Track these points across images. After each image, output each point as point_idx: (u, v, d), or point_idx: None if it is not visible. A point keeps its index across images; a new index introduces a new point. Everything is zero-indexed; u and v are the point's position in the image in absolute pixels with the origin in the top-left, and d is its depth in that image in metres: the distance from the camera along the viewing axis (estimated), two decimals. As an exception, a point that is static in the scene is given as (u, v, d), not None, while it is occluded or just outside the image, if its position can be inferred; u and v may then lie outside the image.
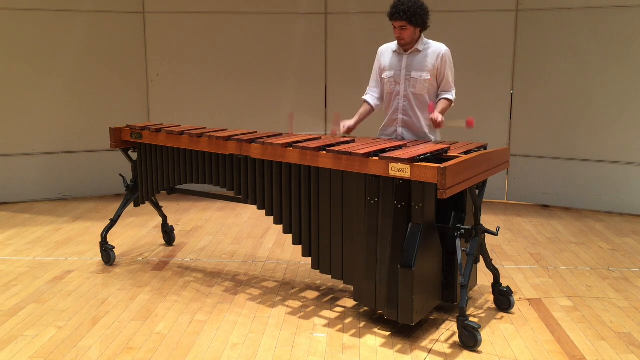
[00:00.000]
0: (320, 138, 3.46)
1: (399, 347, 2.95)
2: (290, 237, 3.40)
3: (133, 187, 4.19)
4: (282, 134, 3.66)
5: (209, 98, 6.27)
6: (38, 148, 5.98)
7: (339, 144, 3.23)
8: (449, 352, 2.90)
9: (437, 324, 3.20)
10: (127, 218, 5.24)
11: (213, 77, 6.25)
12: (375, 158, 2.92)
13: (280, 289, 3.71)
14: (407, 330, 3.10)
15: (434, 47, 3.62)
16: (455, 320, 3.01)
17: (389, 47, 3.75)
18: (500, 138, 6.01)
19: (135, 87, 6.21)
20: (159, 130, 3.87)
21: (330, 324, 3.21)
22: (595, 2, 5.53)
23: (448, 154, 3.09)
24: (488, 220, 5.16)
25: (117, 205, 5.19)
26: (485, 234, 3.21)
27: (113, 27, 6.03)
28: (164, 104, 6.26)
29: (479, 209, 3.16)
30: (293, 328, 3.16)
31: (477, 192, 3.18)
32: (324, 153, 3.10)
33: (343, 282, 3.24)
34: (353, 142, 3.37)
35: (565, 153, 5.84)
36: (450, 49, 3.63)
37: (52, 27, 5.85)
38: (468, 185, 2.92)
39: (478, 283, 3.68)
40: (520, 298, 3.56)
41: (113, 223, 4.20)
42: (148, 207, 4.56)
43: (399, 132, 3.71)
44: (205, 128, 3.88)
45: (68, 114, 6.02)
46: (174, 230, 4.66)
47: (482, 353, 2.89)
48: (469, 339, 2.91)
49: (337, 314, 3.34)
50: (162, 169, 3.96)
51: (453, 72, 3.68)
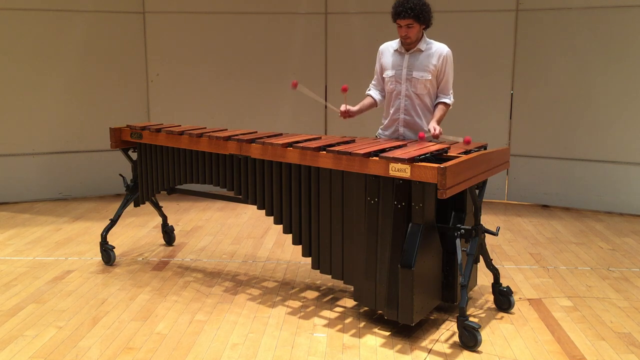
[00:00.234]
0: (320, 138, 3.46)
1: (399, 347, 2.95)
2: (290, 237, 3.40)
3: (133, 187, 4.19)
4: (282, 134, 3.66)
5: (209, 98, 6.27)
6: (38, 148, 5.98)
7: (339, 144, 3.23)
8: (449, 352, 2.90)
9: (437, 324, 3.20)
10: (127, 218, 5.24)
11: (213, 77, 6.26)
12: (375, 158, 2.92)
13: (280, 289, 3.71)
14: (407, 330, 3.10)
15: (436, 47, 3.60)
16: (455, 320, 3.01)
17: (390, 45, 3.73)
18: (500, 138, 6.01)
19: (135, 87, 6.21)
20: (159, 130, 3.87)
21: (330, 324, 3.21)
22: (595, 2, 5.53)
23: (448, 154, 3.09)
24: (488, 220, 5.16)
25: (117, 205, 5.18)
26: (485, 234, 3.21)
27: (113, 27, 6.03)
28: (164, 104, 6.26)
29: (479, 209, 3.16)
30: (293, 328, 3.16)
31: (477, 192, 3.18)
32: (324, 153, 3.10)
33: (343, 282, 3.24)
34: (353, 142, 3.37)
35: (565, 153, 5.84)
36: (450, 49, 3.63)
37: (52, 27, 5.84)
38: (468, 185, 2.92)
39: (478, 283, 3.68)
40: (520, 298, 3.56)
41: (113, 223, 4.20)
42: (148, 207, 4.56)
43: (401, 131, 3.69)
44: (205, 128, 3.88)
45: (68, 114, 6.02)
46: (174, 230, 4.66)
47: (482, 353, 2.89)
48: (469, 339, 2.91)
49: (337, 314, 3.34)
50: (162, 169, 3.96)
51: (452, 74, 3.67)
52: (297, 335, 3.07)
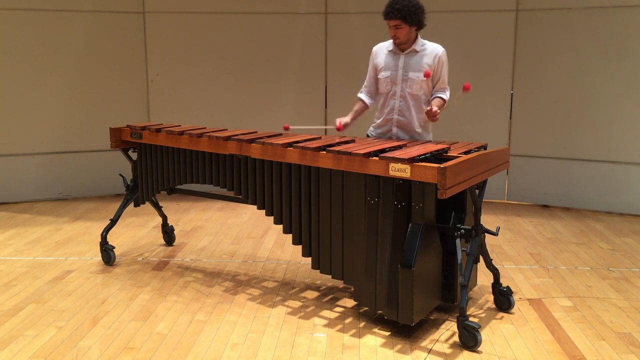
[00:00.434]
0: (320, 138, 3.46)
1: (399, 347, 2.95)
2: (290, 237, 3.40)
3: (133, 187, 4.19)
4: (282, 134, 3.66)
5: (209, 98, 6.27)
6: (38, 148, 5.98)
7: (339, 144, 3.23)
8: (449, 352, 2.90)
9: (437, 324, 3.20)
10: (127, 218, 5.24)
11: (213, 77, 6.25)
12: (375, 158, 2.92)
13: (280, 289, 3.71)
14: (407, 330, 3.10)
15: (431, 47, 3.62)
16: (455, 320, 3.01)
17: (384, 46, 3.73)
18: (500, 138, 6.01)
19: (135, 87, 6.21)
20: (159, 130, 3.87)
21: (330, 324, 3.21)
22: (595, 2, 5.53)
23: (448, 154, 3.09)
24: (488, 220, 5.16)
25: (117, 205, 5.18)
26: (485, 234, 3.21)
27: (113, 27, 6.03)
28: (164, 104, 6.26)
29: (479, 209, 3.16)
30: (293, 328, 3.16)
31: (477, 192, 3.18)
32: (324, 153, 3.10)
33: (343, 282, 3.24)
34: (353, 142, 3.37)
35: (565, 153, 5.84)
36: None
37: (52, 27, 5.84)
38: (468, 185, 2.92)
39: (478, 283, 3.68)
40: (520, 298, 3.56)
41: (113, 223, 4.20)
42: (148, 207, 4.56)
43: (394, 131, 3.71)
44: (205, 128, 3.88)
45: (68, 114, 6.02)
46: (174, 230, 4.66)
47: (482, 353, 2.89)
48: (469, 339, 2.91)
49: (337, 314, 3.34)
50: (162, 169, 3.96)
51: (447, 72, 3.69)
52: (297, 335, 3.07)
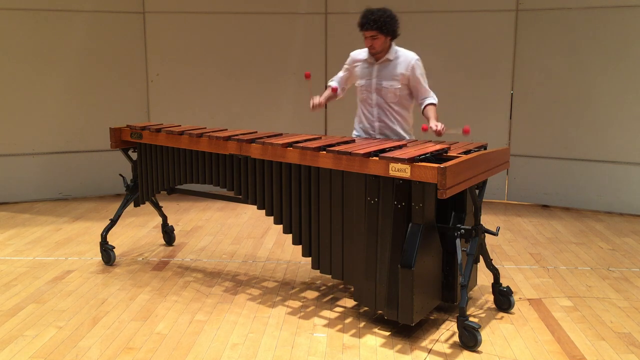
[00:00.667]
0: (320, 138, 3.46)
1: (399, 347, 2.95)
2: (290, 237, 3.40)
3: (133, 187, 4.19)
4: (282, 134, 3.66)
5: (209, 98, 6.27)
6: (38, 148, 5.98)
7: (339, 144, 3.23)
8: (449, 352, 2.90)
9: (437, 324, 3.20)
10: (127, 218, 5.24)
11: (213, 77, 6.25)
12: (375, 158, 2.92)
13: (280, 289, 3.71)
14: (407, 330, 3.10)
15: (404, 56, 3.69)
16: (455, 320, 3.01)
17: (360, 54, 3.82)
18: (500, 138, 6.01)
19: (135, 87, 6.21)
20: (159, 130, 3.87)
21: (330, 324, 3.21)
22: (595, 2, 5.53)
23: (448, 154, 3.10)
24: (488, 220, 5.16)
25: (117, 205, 5.18)
26: (485, 234, 3.21)
27: (113, 27, 6.03)
28: (164, 104, 6.27)
29: (479, 209, 3.16)
30: (293, 328, 3.16)
31: (477, 192, 3.19)
32: (324, 153, 3.10)
33: (343, 282, 3.24)
34: (353, 142, 3.37)
35: (565, 153, 5.84)
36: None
37: (52, 27, 5.85)
38: (468, 185, 2.92)
39: (478, 283, 3.68)
40: (520, 298, 3.56)
41: (113, 223, 4.20)
42: (148, 207, 4.56)
43: (379, 138, 3.81)
44: (205, 128, 3.88)
45: (68, 114, 6.02)
46: (174, 230, 4.66)
47: (482, 353, 2.89)
48: (469, 339, 2.91)
49: (337, 314, 3.34)
50: (162, 169, 3.96)
51: (425, 78, 3.73)
52: (297, 335, 3.07)
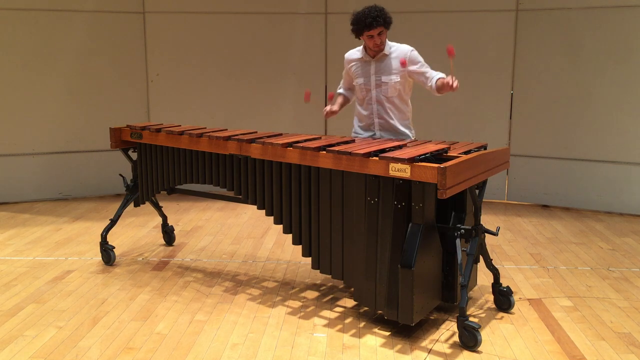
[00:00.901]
0: (320, 138, 3.46)
1: (399, 347, 2.95)
2: (290, 237, 3.40)
3: (133, 187, 4.19)
4: (282, 134, 3.66)
5: (209, 98, 6.27)
6: (38, 148, 5.98)
7: (339, 144, 3.23)
8: (449, 352, 2.90)
9: (437, 324, 3.20)
10: (127, 218, 5.24)
11: (213, 77, 6.25)
12: (375, 158, 2.92)
13: (280, 289, 3.71)
14: (407, 330, 3.10)
15: (399, 49, 3.70)
16: (455, 320, 3.01)
17: (354, 53, 3.83)
18: (500, 138, 6.01)
19: (135, 87, 6.21)
20: (159, 130, 3.87)
21: (330, 324, 3.21)
22: (595, 2, 5.53)
23: (448, 154, 3.10)
24: (488, 220, 5.16)
25: (117, 205, 5.19)
26: (485, 234, 3.21)
27: (113, 27, 6.03)
28: (164, 104, 6.26)
29: (479, 209, 3.16)
30: (293, 328, 3.16)
31: (477, 192, 3.19)
32: (324, 153, 3.10)
33: (343, 282, 3.24)
34: (353, 142, 3.37)
35: (565, 153, 5.84)
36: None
37: (52, 27, 5.85)
38: (468, 185, 2.92)
39: (478, 283, 3.68)
40: (520, 298, 3.56)
41: (113, 223, 4.20)
42: (148, 207, 4.56)
43: (378, 135, 3.80)
44: (205, 128, 3.88)
45: (68, 114, 6.02)
46: (174, 230, 4.65)
47: (482, 353, 2.89)
48: (469, 339, 2.91)
49: (337, 314, 3.34)
50: (162, 169, 3.96)
51: (423, 62, 3.70)
52: (297, 335, 3.07)
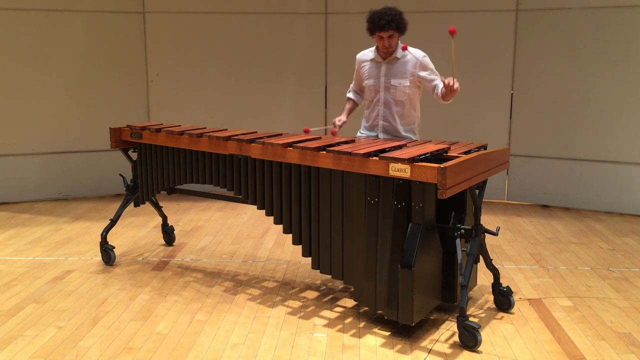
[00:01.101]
0: (320, 138, 3.46)
1: (399, 347, 2.95)
2: (290, 237, 3.40)
3: (133, 187, 4.19)
4: (282, 134, 3.66)
5: (209, 98, 6.27)
6: (38, 148, 5.98)
7: (339, 144, 3.23)
8: (449, 352, 2.90)
9: (437, 324, 3.20)
10: (127, 218, 5.24)
11: (213, 77, 6.25)
12: (375, 158, 2.92)
13: (280, 289, 3.71)
14: (407, 330, 3.10)
15: (411, 54, 3.70)
16: (455, 320, 3.01)
17: (366, 55, 3.84)
18: (500, 138, 6.01)
19: (135, 87, 6.21)
20: (159, 130, 3.87)
21: (330, 324, 3.21)
22: (595, 2, 5.53)
23: (448, 154, 3.10)
24: (488, 220, 5.16)
25: (117, 205, 5.18)
26: (485, 234, 3.21)
27: (113, 27, 6.03)
28: (164, 104, 6.26)
29: (479, 209, 3.16)
30: (293, 328, 3.16)
31: (477, 192, 3.19)
32: (324, 153, 3.10)
33: (343, 282, 3.24)
34: (353, 142, 3.38)
35: (565, 153, 5.84)
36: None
37: (52, 27, 5.84)
38: (468, 185, 2.92)
39: (478, 283, 3.68)
40: (520, 298, 3.56)
41: (113, 223, 4.20)
42: (148, 207, 4.56)
43: (380, 137, 3.83)
44: (205, 128, 3.88)
45: (68, 114, 6.02)
46: (174, 230, 4.66)
47: (482, 353, 2.89)
48: (469, 339, 2.91)
49: (337, 314, 3.34)
50: (162, 169, 3.96)
51: (434, 69, 3.74)
52: (297, 335, 3.07)
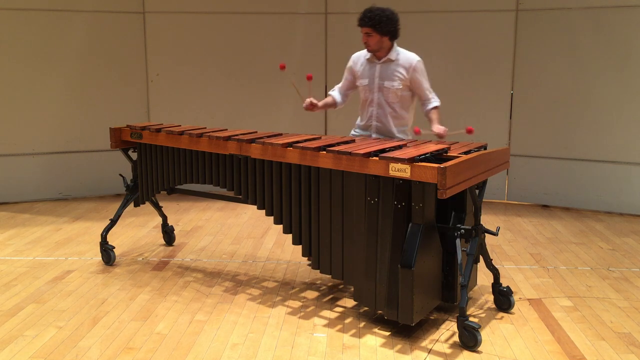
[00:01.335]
0: (320, 138, 3.46)
1: (399, 347, 2.95)
2: (290, 237, 3.40)
3: (133, 187, 4.19)
4: (282, 134, 3.66)
5: (209, 98, 6.27)
6: (38, 148, 5.98)
7: (339, 144, 3.23)
8: (449, 352, 2.90)
9: (437, 324, 3.20)
10: (127, 218, 5.24)
11: (213, 77, 6.25)
12: (375, 158, 2.92)
13: (280, 289, 3.71)
14: (407, 330, 3.10)
15: (406, 57, 3.71)
16: (455, 320, 3.01)
17: (362, 55, 3.85)
18: (500, 138, 6.01)
19: (135, 87, 6.21)
20: (159, 130, 3.87)
21: (330, 324, 3.21)
22: (595, 2, 5.53)
23: (448, 154, 3.09)
24: (488, 220, 5.16)
25: (117, 205, 5.17)
26: (485, 234, 3.21)
27: (113, 27, 6.03)
28: (164, 104, 6.26)
29: (479, 209, 3.17)
30: (293, 328, 3.16)
31: (477, 192, 3.19)
32: (324, 153, 3.10)
33: (343, 282, 3.24)
34: (353, 142, 3.38)
35: (565, 153, 5.84)
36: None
37: (52, 27, 5.84)
38: (468, 185, 2.92)
39: (478, 283, 3.68)
40: (520, 298, 3.56)
41: (113, 223, 4.20)
42: (148, 207, 4.56)
43: (374, 137, 3.83)
44: (205, 128, 3.88)
45: (68, 114, 6.02)
46: (174, 230, 4.66)
47: (482, 353, 2.89)
48: (469, 339, 2.91)
49: (337, 314, 3.34)
50: (162, 169, 3.96)
51: (427, 79, 3.76)
52: (297, 335, 3.08)
